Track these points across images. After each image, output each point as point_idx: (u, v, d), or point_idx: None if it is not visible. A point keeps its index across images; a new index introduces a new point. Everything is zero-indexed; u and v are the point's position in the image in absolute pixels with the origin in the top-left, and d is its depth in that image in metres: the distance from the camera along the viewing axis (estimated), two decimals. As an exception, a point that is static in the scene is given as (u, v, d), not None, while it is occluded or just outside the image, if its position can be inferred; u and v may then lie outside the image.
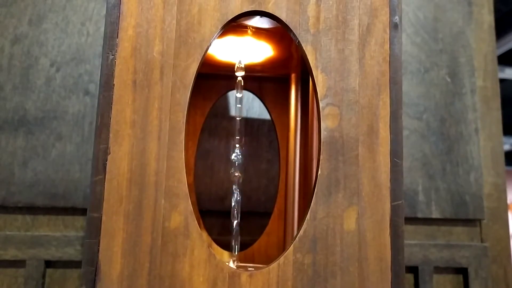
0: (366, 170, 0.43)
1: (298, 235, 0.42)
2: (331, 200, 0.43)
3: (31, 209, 0.77)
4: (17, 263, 0.75)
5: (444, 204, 0.84)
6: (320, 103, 0.44)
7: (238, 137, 0.58)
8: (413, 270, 0.82)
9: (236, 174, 0.58)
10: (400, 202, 0.43)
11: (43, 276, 0.75)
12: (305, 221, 0.42)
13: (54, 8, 0.82)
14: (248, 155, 0.79)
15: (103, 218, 0.40)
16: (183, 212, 0.41)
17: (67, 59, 0.81)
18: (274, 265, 0.41)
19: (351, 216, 0.42)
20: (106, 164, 0.41)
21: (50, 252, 0.75)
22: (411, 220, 0.84)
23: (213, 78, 0.70)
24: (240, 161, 0.59)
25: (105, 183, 0.41)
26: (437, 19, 0.91)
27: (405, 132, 0.86)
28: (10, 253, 0.74)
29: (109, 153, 0.41)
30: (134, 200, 0.41)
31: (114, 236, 0.40)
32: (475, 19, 0.93)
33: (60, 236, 0.76)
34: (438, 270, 0.83)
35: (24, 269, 0.74)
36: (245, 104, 0.81)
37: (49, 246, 0.75)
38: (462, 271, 0.83)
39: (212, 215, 0.74)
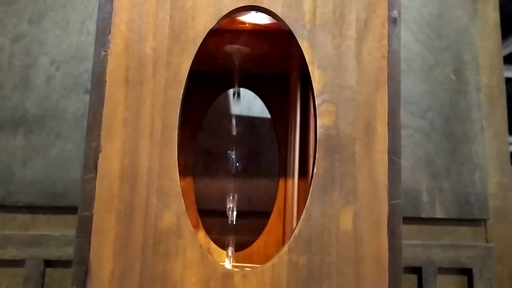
0: (363, 168, 0.42)
1: (293, 235, 0.41)
2: (327, 199, 0.42)
3: (31, 209, 0.77)
4: (16, 263, 0.75)
5: (448, 204, 0.83)
6: (316, 100, 0.43)
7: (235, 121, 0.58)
8: (416, 270, 0.81)
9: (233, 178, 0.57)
10: (398, 201, 0.42)
11: (43, 276, 0.75)
12: (300, 220, 0.41)
13: (54, 7, 0.82)
14: (248, 154, 0.78)
15: (94, 217, 0.40)
16: (175, 212, 0.40)
17: (67, 57, 0.81)
18: (268, 265, 0.40)
19: (347, 215, 0.41)
20: (97, 162, 0.40)
21: (49, 251, 0.75)
22: (415, 220, 0.83)
23: (213, 76, 0.69)
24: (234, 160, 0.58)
25: (96, 182, 0.40)
26: (441, 16, 0.90)
27: (408, 131, 0.85)
28: (10, 253, 0.74)
29: (101, 151, 0.41)
30: (125, 199, 0.40)
31: (105, 236, 0.40)
32: (480, 16, 0.91)
33: (59, 235, 0.75)
34: (442, 270, 0.82)
35: (24, 269, 0.74)
36: (245, 103, 0.80)
37: (49, 246, 0.75)
38: (467, 272, 0.82)
39: (211, 215, 0.73)
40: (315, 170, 0.42)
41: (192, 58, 0.42)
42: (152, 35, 0.43)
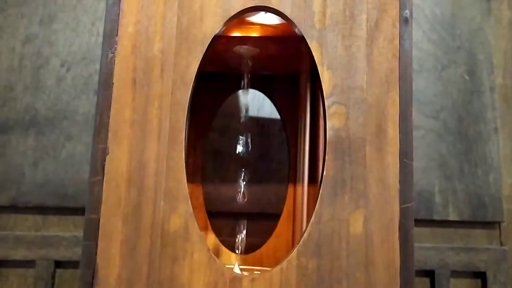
0: (374, 171, 0.41)
1: (302, 238, 0.40)
2: (337, 202, 0.41)
3: (42, 209, 0.77)
4: (27, 263, 0.75)
5: (461, 206, 0.82)
6: (325, 102, 0.42)
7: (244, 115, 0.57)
8: (429, 274, 0.80)
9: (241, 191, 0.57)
10: (410, 204, 0.41)
11: (53, 276, 0.75)
12: (310, 224, 0.40)
13: (64, 8, 0.82)
14: (259, 156, 0.77)
15: (101, 220, 0.39)
16: (183, 215, 0.40)
17: (77, 59, 0.81)
18: (276, 269, 0.40)
19: (357, 219, 0.41)
20: (104, 164, 0.40)
21: (60, 252, 0.75)
22: (427, 222, 0.81)
23: (223, 77, 0.68)
24: (246, 149, 0.58)
25: (104, 184, 0.40)
26: (454, 15, 0.89)
27: (421, 132, 0.83)
28: (20, 253, 0.74)
29: (108, 153, 0.40)
30: (133, 202, 0.40)
31: (112, 239, 0.39)
32: (494, 15, 0.89)
33: (70, 236, 0.75)
34: (455, 274, 0.80)
35: (34, 269, 0.74)
36: (255, 104, 0.79)
37: (59, 246, 0.75)
38: (480, 275, 0.80)
39: (222, 216, 0.72)
40: (324, 173, 0.41)
41: (200, 59, 0.42)
42: (160, 36, 0.42)
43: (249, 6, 0.43)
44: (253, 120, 0.78)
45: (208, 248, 0.40)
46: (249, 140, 0.61)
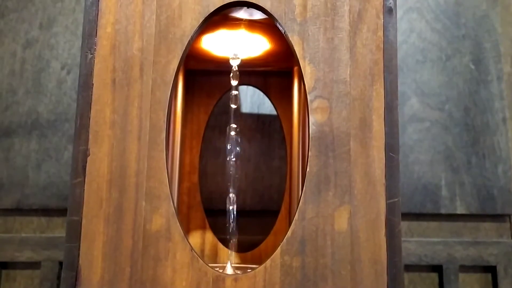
0: (359, 166, 0.40)
1: (286, 236, 0.40)
2: (321, 198, 0.40)
3: (46, 211, 0.78)
4: (32, 265, 0.76)
5: (469, 199, 0.80)
6: (308, 96, 0.41)
7: (234, 130, 0.57)
8: (437, 269, 0.78)
9: (234, 174, 0.56)
10: (397, 199, 0.40)
11: (58, 277, 0.75)
12: (293, 221, 0.40)
13: (64, 11, 0.83)
14: (260, 152, 0.77)
15: (83, 221, 0.39)
16: (164, 214, 0.40)
17: (77, 61, 0.81)
18: (260, 268, 0.39)
19: (342, 215, 0.40)
20: (85, 166, 0.40)
21: (64, 253, 0.75)
22: (434, 216, 0.80)
23: (216, 75, 0.68)
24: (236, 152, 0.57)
25: (85, 186, 0.40)
26: (458, 3, 0.86)
27: (426, 124, 0.82)
28: (26, 255, 0.75)
29: (89, 155, 0.40)
30: (114, 203, 0.40)
31: (94, 240, 0.39)
32: (500, 1, 0.87)
33: (74, 237, 0.76)
34: (464, 269, 0.78)
35: (40, 270, 0.75)
36: (255, 100, 0.78)
37: (64, 248, 0.76)
38: (491, 270, 0.78)
39: (219, 214, 0.72)
40: (308, 169, 0.40)
41: (180, 57, 0.42)
42: (139, 35, 0.42)
43: (228, 1, 0.42)
44: (252, 116, 0.77)
45: (190, 248, 0.39)
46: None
